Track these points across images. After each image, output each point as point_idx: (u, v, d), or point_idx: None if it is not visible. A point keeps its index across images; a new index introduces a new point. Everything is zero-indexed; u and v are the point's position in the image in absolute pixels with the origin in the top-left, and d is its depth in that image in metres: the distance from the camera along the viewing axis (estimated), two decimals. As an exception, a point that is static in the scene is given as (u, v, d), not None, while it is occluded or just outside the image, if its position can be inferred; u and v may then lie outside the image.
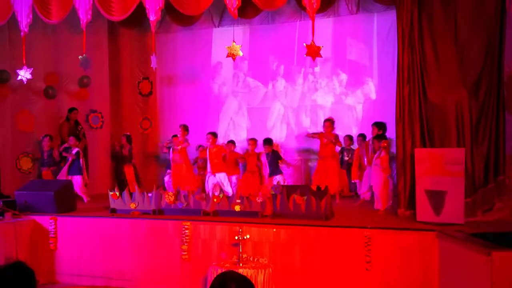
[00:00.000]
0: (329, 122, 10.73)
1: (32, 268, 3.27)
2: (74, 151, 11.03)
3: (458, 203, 7.32)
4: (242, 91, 13.39)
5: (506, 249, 5.48)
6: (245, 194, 9.16)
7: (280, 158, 11.28)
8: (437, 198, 7.45)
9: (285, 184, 10.87)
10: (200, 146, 12.14)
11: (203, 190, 11.07)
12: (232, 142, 11.90)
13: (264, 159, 11.23)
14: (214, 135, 11.41)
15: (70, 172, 11.01)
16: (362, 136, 10.89)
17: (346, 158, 11.39)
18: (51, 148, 11.43)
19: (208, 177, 11.26)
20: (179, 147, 11.37)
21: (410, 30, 8.19)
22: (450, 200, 7.35)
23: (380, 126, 9.64)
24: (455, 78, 8.06)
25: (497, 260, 5.37)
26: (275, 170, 11.09)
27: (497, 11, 7.97)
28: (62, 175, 10.96)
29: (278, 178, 10.92)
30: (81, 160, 11.06)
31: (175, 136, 11.57)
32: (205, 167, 11.56)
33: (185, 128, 11.50)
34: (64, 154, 11.26)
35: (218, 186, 10.92)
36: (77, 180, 10.93)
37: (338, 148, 10.99)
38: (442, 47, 8.13)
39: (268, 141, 11.30)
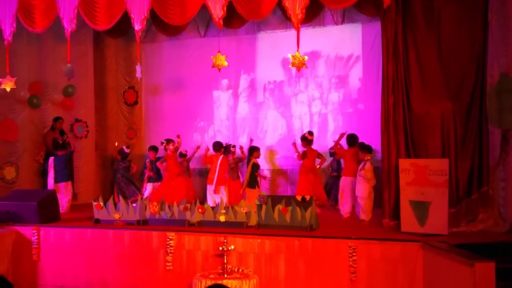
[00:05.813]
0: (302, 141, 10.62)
1: (14, 279, 3.24)
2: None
3: (442, 214, 7.35)
4: (229, 101, 13.37)
5: (489, 260, 5.52)
6: None
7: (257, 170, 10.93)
8: (421, 209, 7.48)
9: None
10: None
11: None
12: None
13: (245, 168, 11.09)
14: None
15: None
16: None
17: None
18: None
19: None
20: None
21: (394, 41, 8.25)
22: (434, 210, 7.38)
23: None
24: (439, 89, 8.13)
25: (480, 271, 5.42)
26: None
27: (480, 23, 8.06)
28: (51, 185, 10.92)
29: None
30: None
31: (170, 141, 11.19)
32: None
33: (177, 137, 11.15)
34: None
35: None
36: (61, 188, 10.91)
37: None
38: (426, 58, 8.21)
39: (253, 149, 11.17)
